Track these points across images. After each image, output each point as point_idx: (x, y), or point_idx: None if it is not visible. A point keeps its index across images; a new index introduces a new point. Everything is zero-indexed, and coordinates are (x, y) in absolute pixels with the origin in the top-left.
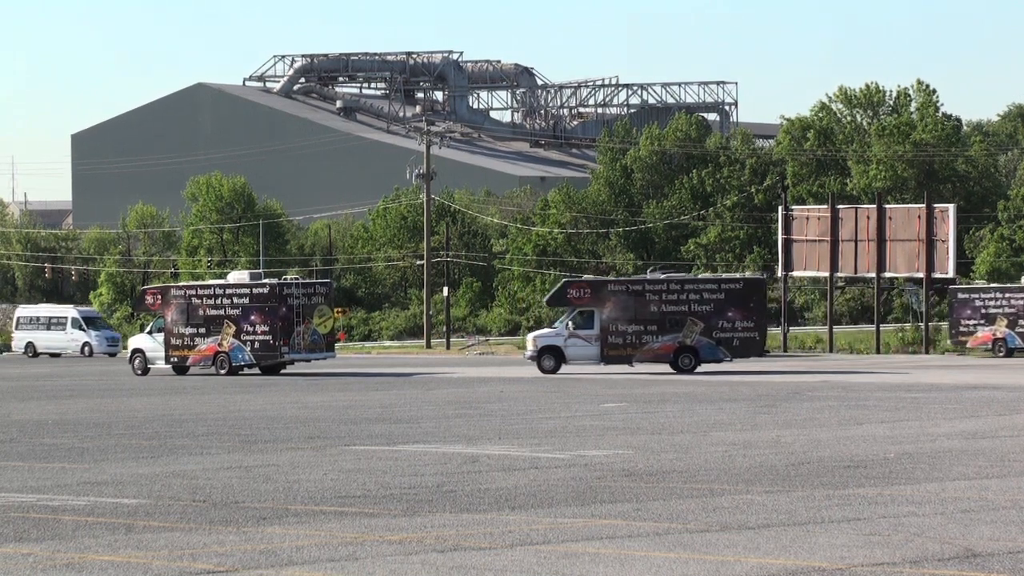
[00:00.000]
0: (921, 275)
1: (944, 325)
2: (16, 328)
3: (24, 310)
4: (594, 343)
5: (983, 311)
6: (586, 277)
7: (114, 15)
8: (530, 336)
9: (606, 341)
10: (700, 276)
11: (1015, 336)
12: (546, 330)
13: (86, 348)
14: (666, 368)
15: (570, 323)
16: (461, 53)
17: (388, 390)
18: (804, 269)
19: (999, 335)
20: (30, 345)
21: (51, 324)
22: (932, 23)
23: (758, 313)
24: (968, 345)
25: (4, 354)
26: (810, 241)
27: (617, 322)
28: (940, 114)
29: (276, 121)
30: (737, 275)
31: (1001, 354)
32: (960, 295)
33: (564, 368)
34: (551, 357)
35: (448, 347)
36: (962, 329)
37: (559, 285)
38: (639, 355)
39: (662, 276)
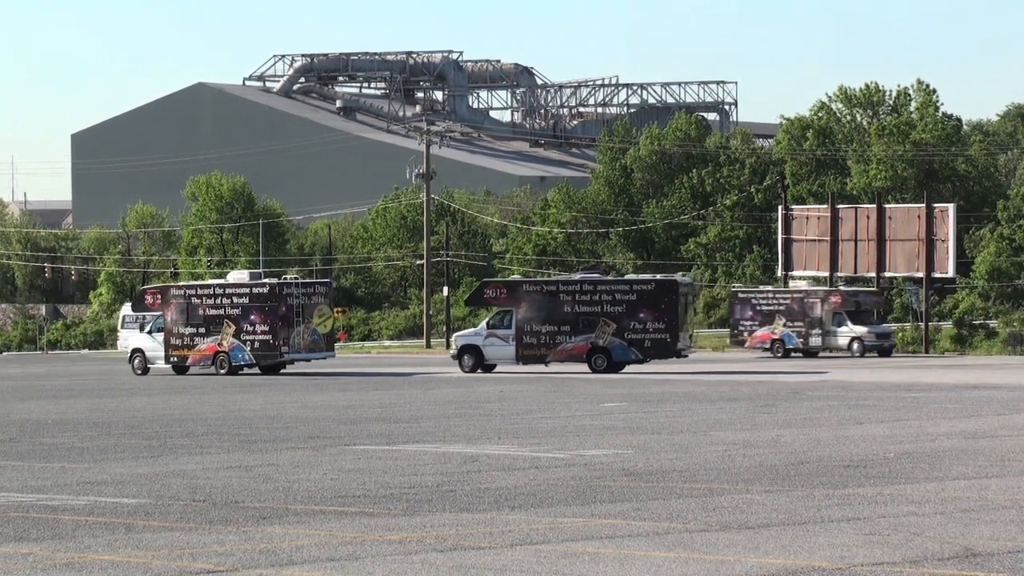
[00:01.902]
0: (921, 275)
1: (944, 325)
2: (121, 327)
3: (130, 308)
4: (510, 343)
5: None
6: (514, 277)
7: (114, 15)
8: (454, 336)
9: (521, 341)
10: (614, 278)
11: None
12: (468, 330)
13: None
14: (583, 368)
15: (488, 323)
16: (461, 53)
17: (388, 390)
18: (804, 269)
19: None
20: None
21: None
22: (932, 23)
23: (669, 315)
24: None
25: (4, 353)
26: (810, 241)
27: (532, 322)
28: (940, 114)
29: (276, 121)
30: (649, 276)
31: None
32: None
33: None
34: (471, 356)
35: (448, 347)
36: None
37: (477, 285)
38: (553, 355)
39: (577, 277)
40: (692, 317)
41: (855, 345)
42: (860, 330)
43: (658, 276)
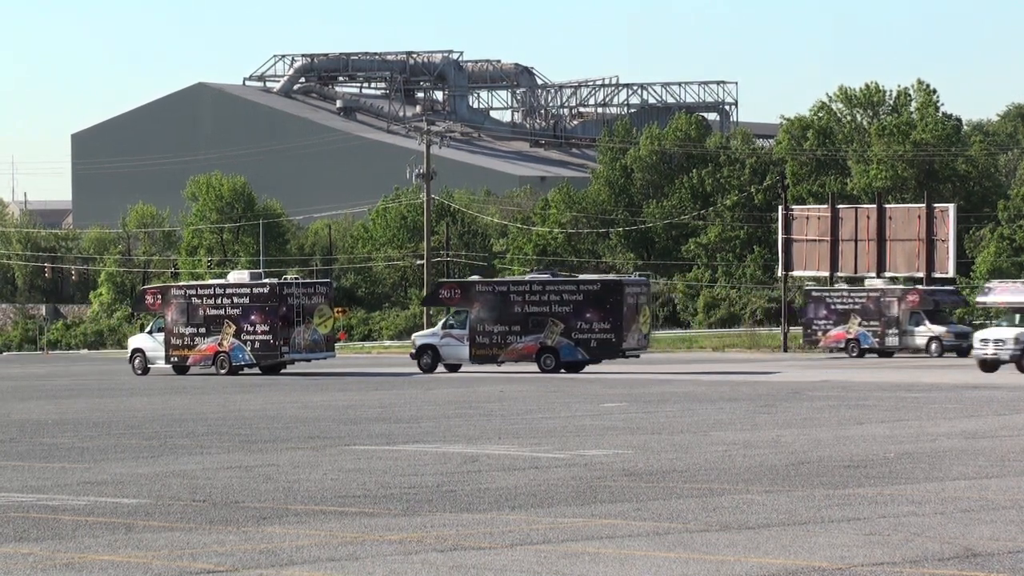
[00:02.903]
0: (921, 275)
1: None
2: None
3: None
4: (465, 343)
5: None
6: (473, 278)
7: (114, 15)
8: (413, 335)
9: (474, 341)
10: (564, 278)
11: None
12: (426, 330)
13: None
14: (535, 368)
15: (444, 323)
16: (461, 53)
17: (388, 390)
18: (804, 269)
19: None
20: None
21: None
22: (932, 23)
23: (614, 315)
24: None
25: (4, 353)
26: (810, 241)
27: (484, 322)
28: (940, 114)
29: (276, 121)
30: (596, 277)
31: None
32: None
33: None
34: (428, 355)
35: None
36: None
37: (433, 285)
38: (504, 355)
39: (527, 278)
40: (646, 317)
41: (933, 345)
42: (939, 330)
43: (606, 276)
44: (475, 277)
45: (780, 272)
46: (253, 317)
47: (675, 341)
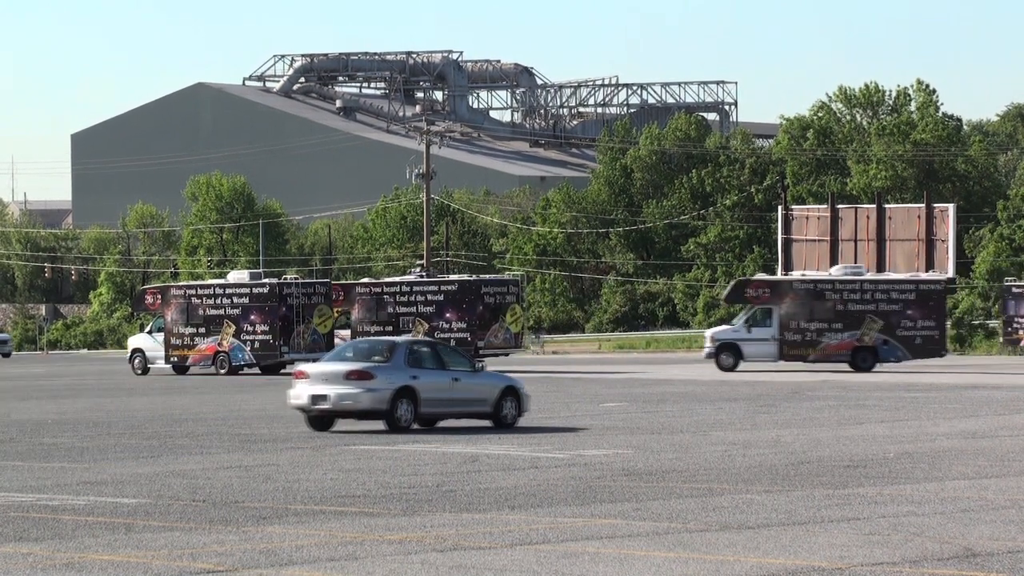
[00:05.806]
0: (921, 275)
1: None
2: None
3: None
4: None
5: None
6: (365, 279)
7: (114, 15)
8: None
9: None
10: (431, 279)
11: None
12: None
13: None
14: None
15: (334, 324)
16: (461, 53)
17: None
18: (804, 269)
19: None
20: None
21: None
22: (932, 23)
23: (470, 315)
24: None
25: None
26: (810, 241)
27: (363, 323)
28: (940, 114)
29: (276, 121)
30: (455, 277)
31: None
32: None
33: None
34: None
35: None
36: None
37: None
38: None
39: (398, 279)
40: (515, 316)
41: None
42: None
43: (465, 276)
44: (367, 279)
45: (780, 272)
46: (253, 317)
47: (675, 341)
